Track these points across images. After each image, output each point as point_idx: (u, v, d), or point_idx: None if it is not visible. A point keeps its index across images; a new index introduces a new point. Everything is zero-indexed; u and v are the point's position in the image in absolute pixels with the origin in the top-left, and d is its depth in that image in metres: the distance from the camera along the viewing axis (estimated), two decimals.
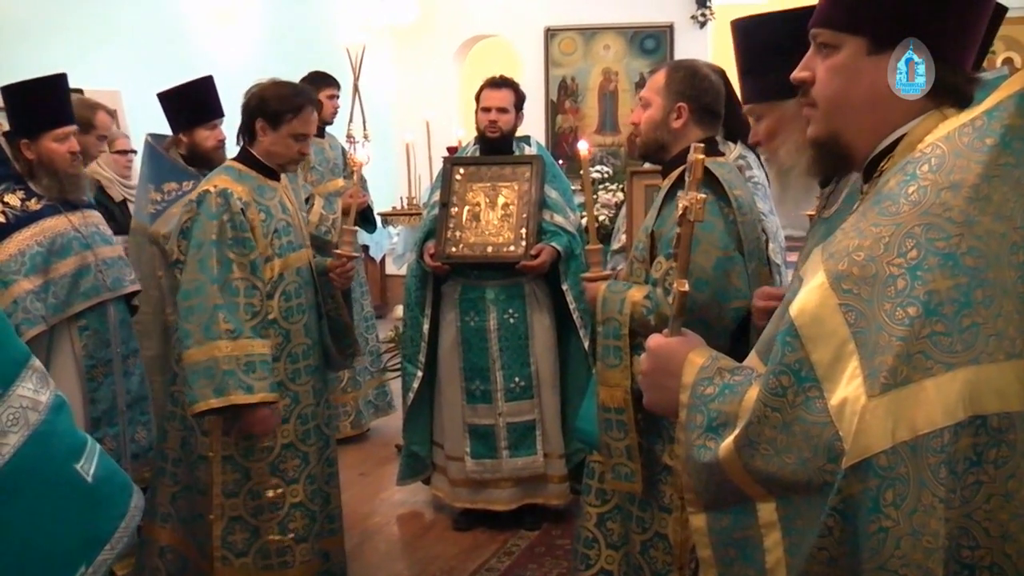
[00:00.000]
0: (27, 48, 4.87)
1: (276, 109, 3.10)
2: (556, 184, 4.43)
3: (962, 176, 1.20)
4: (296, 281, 3.19)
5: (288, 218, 3.22)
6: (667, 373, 1.43)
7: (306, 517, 3.23)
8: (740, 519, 1.28)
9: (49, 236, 3.41)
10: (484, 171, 4.39)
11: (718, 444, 1.28)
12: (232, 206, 3.03)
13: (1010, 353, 1.16)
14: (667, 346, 1.46)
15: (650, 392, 1.49)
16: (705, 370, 1.39)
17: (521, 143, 4.53)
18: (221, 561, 3.13)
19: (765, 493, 1.26)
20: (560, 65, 8.30)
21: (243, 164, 3.19)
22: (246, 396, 2.95)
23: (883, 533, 1.13)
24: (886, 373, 1.14)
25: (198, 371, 2.95)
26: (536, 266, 4.17)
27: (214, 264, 3.00)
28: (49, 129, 3.40)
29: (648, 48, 8.06)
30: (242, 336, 2.98)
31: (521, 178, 4.33)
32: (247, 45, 6.57)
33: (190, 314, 3.00)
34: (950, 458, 1.13)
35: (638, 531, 2.81)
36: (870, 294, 1.19)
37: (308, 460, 3.24)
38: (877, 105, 1.34)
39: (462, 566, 4.09)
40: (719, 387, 1.35)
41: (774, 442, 1.22)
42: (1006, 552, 1.14)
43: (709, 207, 2.57)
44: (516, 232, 4.27)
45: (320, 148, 5.35)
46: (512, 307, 4.30)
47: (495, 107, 4.35)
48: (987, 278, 1.16)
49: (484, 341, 4.29)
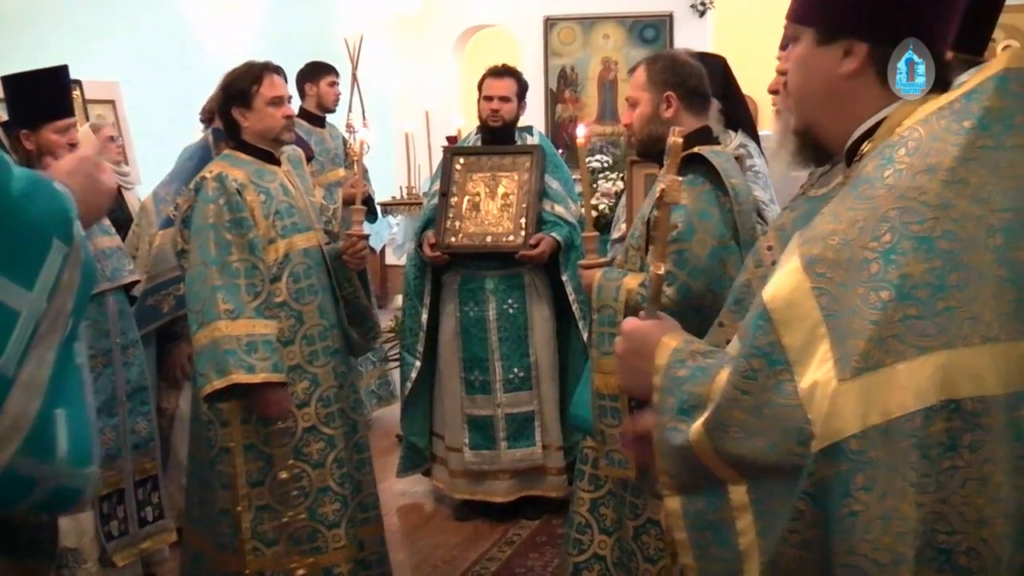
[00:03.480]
0: (25, 38, 4.86)
1: (241, 88, 3.11)
2: (557, 174, 4.40)
3: (938, 159, 1.19)
4: (305, 262, 3.17)
5: (290, 200, 3.20)
6: (640, 356, 1.42)
7: (336, 502, 3.18)
8: (713, 502, 1.28)
9: None
10: (484, 161, 4.36)
11: (689, 426, 1.28)
12: (227, 188, 3.03)
13: (985, 337, 1.15)
14: (641, 329, 1.45)
15: (624, 375, 1.49)
16: (678, 352, 1.38)
17: (523, 133, 4.51)
18: (253, 553, 3.09)
19: (737, 475, 1.25)
20: (560, 55, 8.28)
21: (240, 152, 3.19)
22: (247, 376, 2.92)
23: (854, 517, 1.12)
24: (858, 357, 1.13)
25: (203, 354, 2.94)
26: (535, 255, 4.15)
27: (212, 247, 2.99)
28: (50, 121, 3.38)
29: (648, 37, 8.05)
30: (242, 316, 2.96)
31: (521, 168, 4.30)
32: (246, 35, 6.55)
33: (194, 300, 3.00)
34: (922, 442, 1.12)
35: (631, 517, 2.83)
36: (844, 278, 1.18)
37: (334, 443, 3.20)
38: (834, 95, 1.36)
39: (463, 556, 4.10)
40: (692, 369, 1.34)
41: (745, 425, 1.21)
42: (982, 536, 1.14)
43: (706, 196, 2.59)
44: (516, 222, 4.24)
45: (321, 138, 5.34)
46: (511, 297, 4.28)
47: (497, 96, 4.33)
48: (962, 261, 1.15)
49: (483, 331, 4.27)
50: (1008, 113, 1.22)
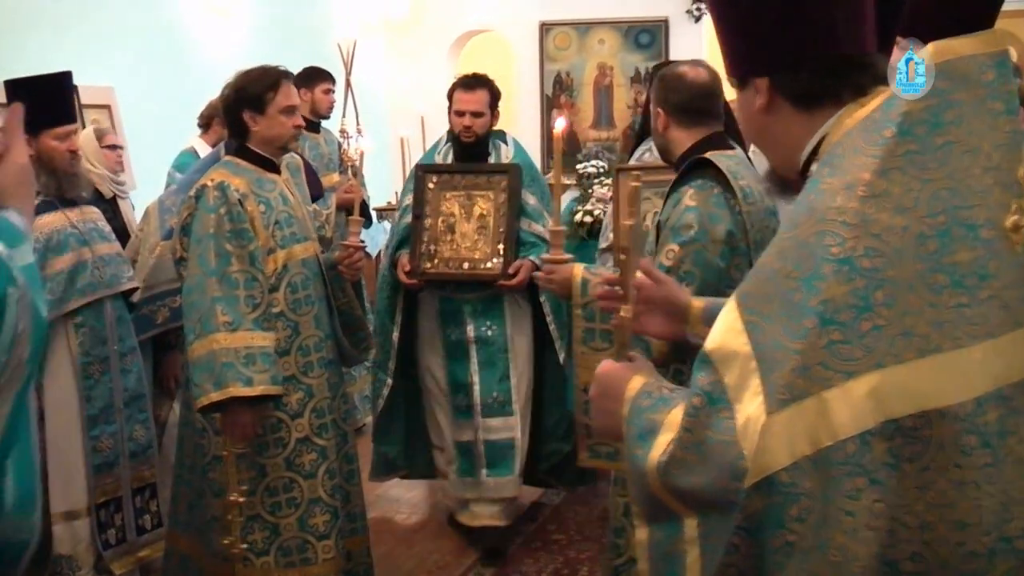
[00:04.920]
0: (18, 43, 4.85)
1: (256, 92, 3.08)
2: (534, 188, 4.21)
3: (856, 175, 1.18)
4: (302, 273, 3.16)
5: (289, 210, 3.19)
6: (611, 398, 1.42)
7: (326, 513, 3.18)
8: (670, 533, 1.28)
9: (45, 233, 3.40)
10: (458, 179, 4.16)
11: (644, 452, 1.28)
12: (229, 198, 3.01)
13: (922, 350, 1.14)
14: (613, 371, 1.46)
15: (597, 417, 1.48)
16: (647, 386, 1.39)
17: (496, 141, 4.30)
18: (243, 562, 3.09)
19: (686, 509, 1.25)
20: (555, 60, 8.28)
21: (240, 159, 3.17)
22: (245, 389, 2.91)
23: (789, 547, 1.12)
24: (782, 388, 1.13)
25: (200, 365, 2.93)
26: (514, 285, 4.00)
27: (212, 257, 2.98)
28: (51, 127, 3.37)
29: (643, 43, 8.05)
30: (241, 328, 2.95)
31: (497, 188, 4.11)
32: (240, 40, 6.54)
33: (191, 310, 2.99)
34: (861, 469, 1.11)
35: None
36: (770, 310, 1.17)
37: (326, 455, 3.19)
38: (763, 131, 1.41)
39: (458, 561, 4.11)
40: (655, 400, 1.35)
41: (685, 462, 1.21)
42: (924, 540, 1.14)
43: (715, 199, 2.63)
44: (493, 247, 4.07)
45: (315, 143, 5.33)
46: (490, 320, 4.16)
47: (469, 111, 4.12)
48: (887, 276, 1.14)
49: (464, 354, 4.16)
50: (934, 111, 1.20)
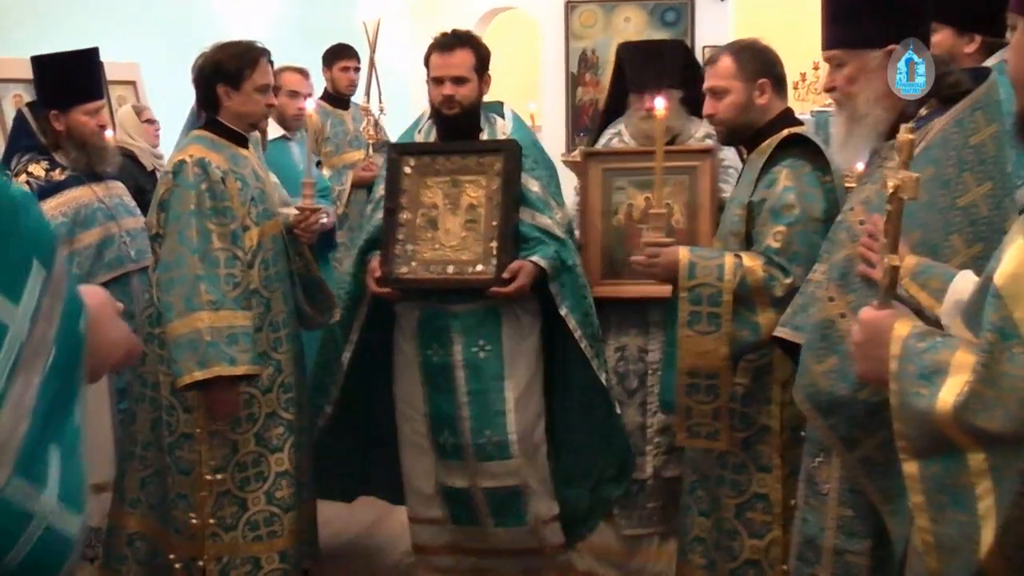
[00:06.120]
0: (45, 21, 4.87)
1: (234, 68, 3.05)
2: (537, 171, 3.34)
3: None
4: (272, 249, 3.15)
5: (261, 185, 3.18)
6: (877, 343, 1.50)
7: (292, 486, 3.17)
8: (951, 467, 1.34)
9: (73, 207, 3.43)
10: (442, 162, 3.30)
11: (932, 392, 1.34)
12: (211, 175, 2.98)
13: None
14: (877, 318, 1.54)
15: (861, 363, 1.58)
16: (916, 329, 1.47)
17: (490, 114, 3.45)
18: (211, 538, 3.08)
19: (974, 443, 1.30)
20: (581, 38, 8.24)
21: (213, 134, 3.12)
22: (230, 368, 2.90)
23: None
24: None
25: (182, 344, 2.90)
26: (510, 293, 3.16)
27: (193, 235, 2.94)
28: (81, 102, 3.41)
29: (669, 20, 7.99)
30: (224, 307, 2.93)
31: (490, 171, 3.24)
32: (265, 17, 6.54)
33: (171, 286, 2.94)
34: None
35: (733, 495, 2.87)
36: None
37: (291, 428, 3.19)
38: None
39: None
40: (930, 342, 1.42)
41: (983, 399, 1.27)
42: None
43: (807, 177, 2.69)
44: (485, 246, 3.21)
45: (340, 119, 5.35)
46: (483, 337, 3.28)
47: (449, 77, 3.25)
48: None
49: (450, 381, 3.29)
50: None
